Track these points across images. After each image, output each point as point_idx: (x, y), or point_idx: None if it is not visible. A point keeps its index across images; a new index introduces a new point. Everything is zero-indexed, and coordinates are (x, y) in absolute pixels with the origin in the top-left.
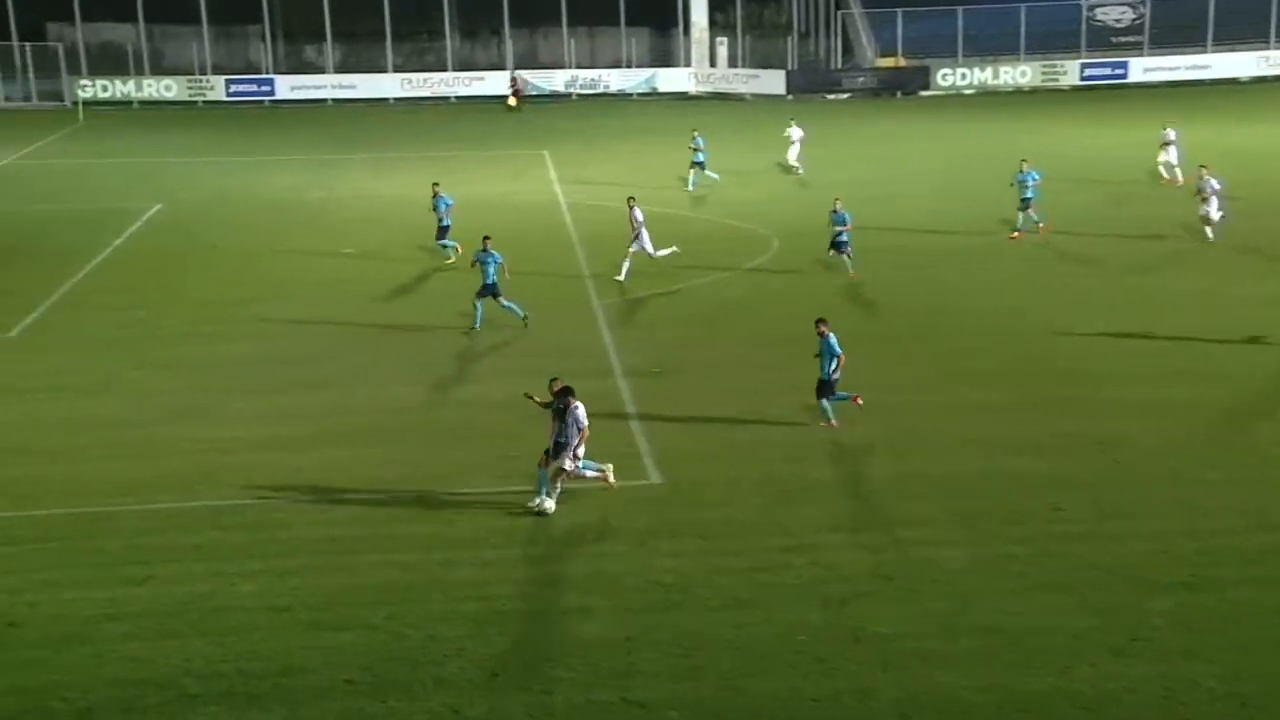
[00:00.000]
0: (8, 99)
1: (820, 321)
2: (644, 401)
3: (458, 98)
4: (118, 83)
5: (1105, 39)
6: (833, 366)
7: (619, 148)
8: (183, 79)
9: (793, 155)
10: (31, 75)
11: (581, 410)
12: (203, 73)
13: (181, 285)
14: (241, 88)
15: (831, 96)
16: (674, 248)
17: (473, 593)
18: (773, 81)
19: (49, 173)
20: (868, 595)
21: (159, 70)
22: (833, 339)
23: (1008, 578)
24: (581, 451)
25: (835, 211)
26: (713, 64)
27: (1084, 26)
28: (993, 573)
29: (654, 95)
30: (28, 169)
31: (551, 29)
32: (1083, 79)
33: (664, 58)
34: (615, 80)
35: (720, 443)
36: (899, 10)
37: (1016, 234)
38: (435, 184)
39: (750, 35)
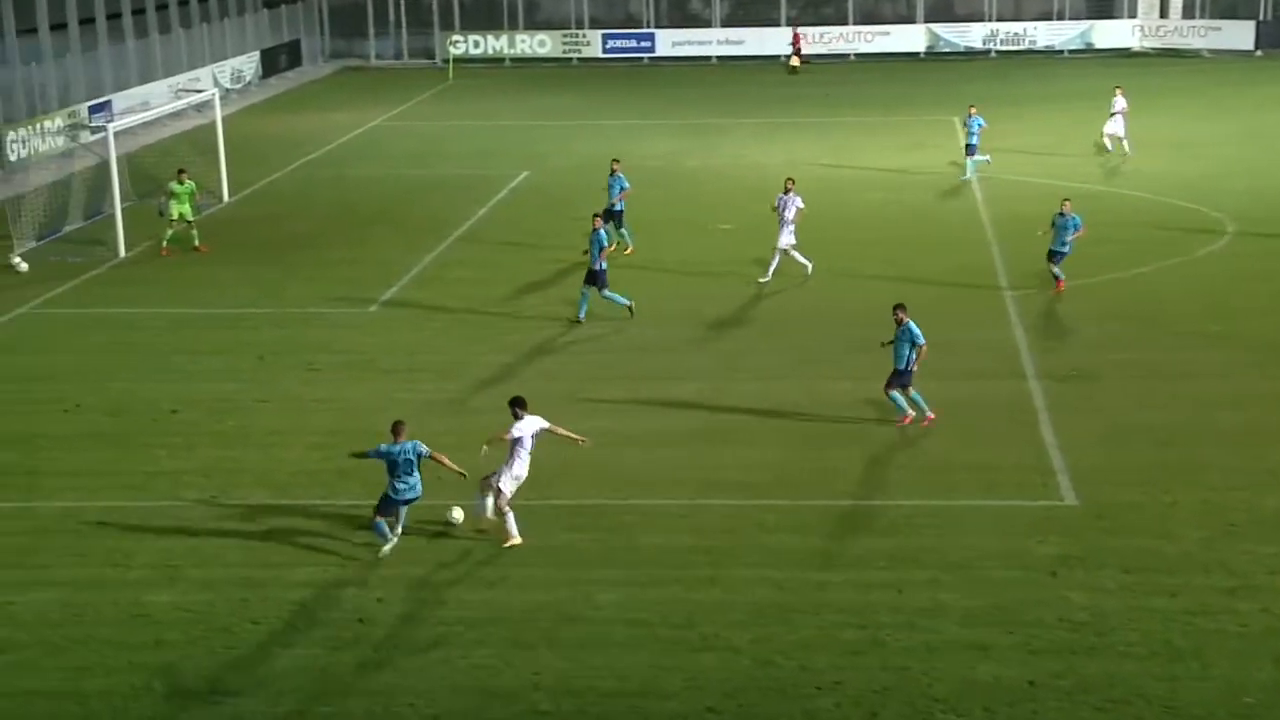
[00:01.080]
0: (378, 56)
1: (898, 307)
2: (1059, 410)
3: (857, 55)
4: (490, 38)
5: None
6: (912, 356)
7: (1044, 114)
8: (558, 34)
9: (1113, 129)
10: (404, 31)
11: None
12: (579, 27)
13: (540, 260)
14: (619, 43)
15: None
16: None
17: (852, 619)
18: (1238, 34)
19: (415, 135)
20: None
21: (533, 25)
22: (914, 326)
23: None
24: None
25: (1061, 215)
26: (1163, 14)
27: None
28: None
29: (1088, 52)
30: (394, 130)
31: None
32: None
33: (1103, 8)
34: (1043, 35)
35: (1150, 461)
36: None
37: None
38: (615, 161)
39: None
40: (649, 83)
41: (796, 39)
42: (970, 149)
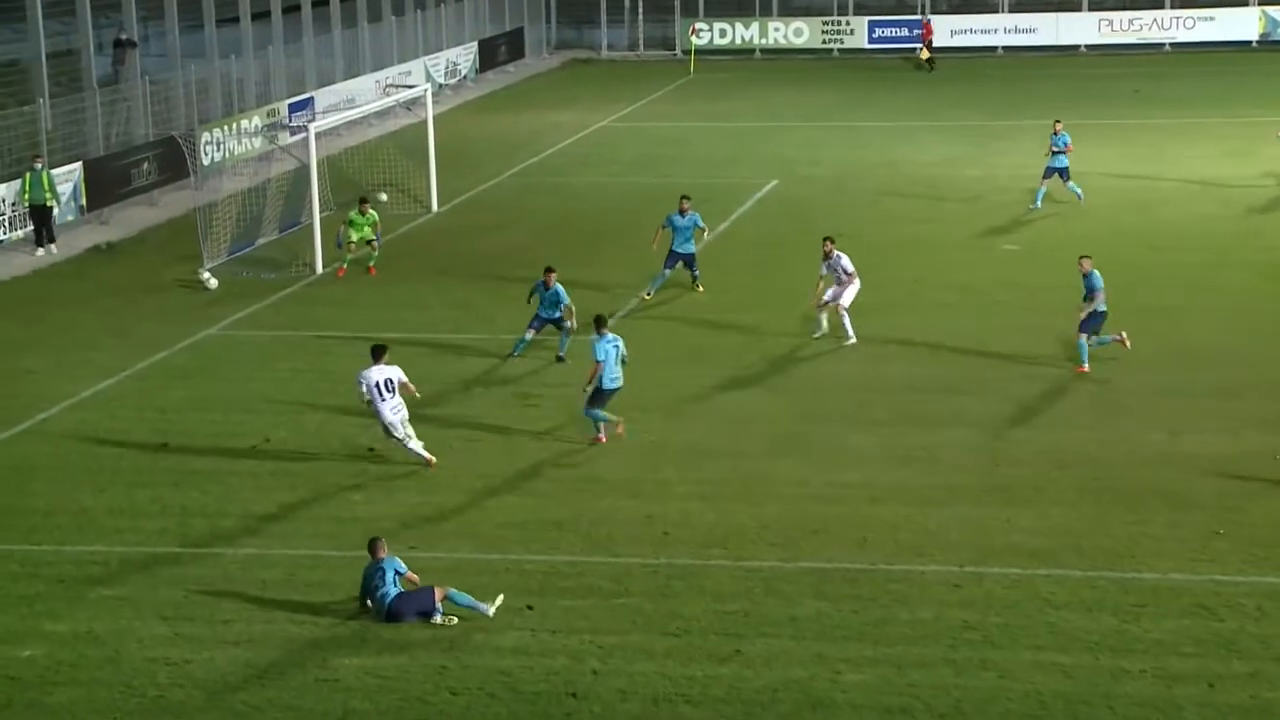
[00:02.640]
0: (610, 47)
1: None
2: None
3: (1173, 45)
4: (738, 26)
5: None
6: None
7: None
8: (817, 21)
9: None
10: (641, 18)
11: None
12: (842, 13)
13: (786, 284)
14: (887, 32)
15: None
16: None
17: (1154, 714)
18: None
19: (649, 137)
20: None
21: (788, 11)
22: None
23: None
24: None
25: (1085, 275)
26: None
27: None
28: None
29: None
30: (625, 132)
31: None
32: None
33: None
34: None
35: None
36: None
37: None
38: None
39: None
40: (921, 77)
41: (927, 28)
42: (1057, 173)
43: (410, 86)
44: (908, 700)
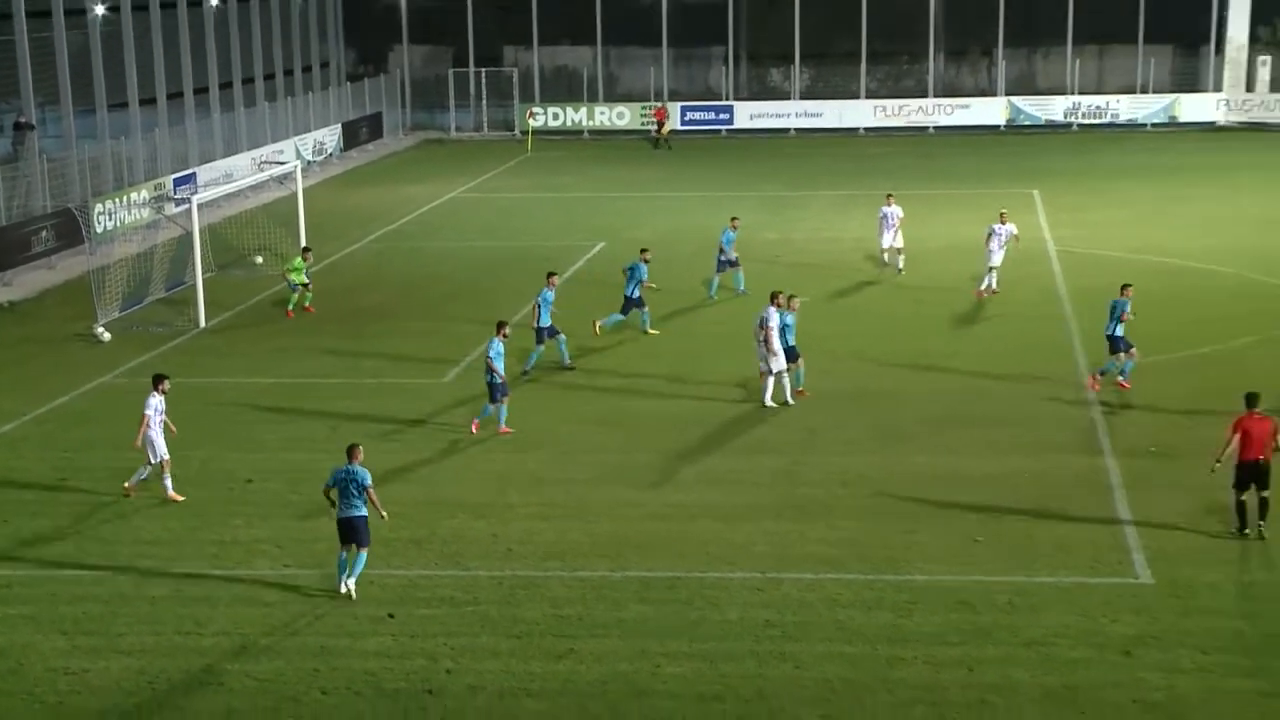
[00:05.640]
0: (458, 128)
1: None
2: (1135, 486)
3: (936, 128)
4: (569, 110)
5: None
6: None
7: (1124, 188)
8: (636, 105)
9: (889, 240)
10: (485, 103)
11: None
12: (658, 99)
13: (617, 333)
14: (697, 115)
15: None
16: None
17: (923, 696)
18: None
19: (492, 207)
20: None
21: (612, 97)
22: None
23: None
24: None
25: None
26: (1250, 88)
27: None
28: None
29: (1172, 126)
30: (471, 203)
31: (1054, 48)
32: None
33: (1188, 81)
34: (1125, 108)
35: (1231, 541)
36: None
37: None
38: (644, 250)
39: None
40: (726, 154)
41: (659, 113)
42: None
43: (282, 163)
44: (718, 689)
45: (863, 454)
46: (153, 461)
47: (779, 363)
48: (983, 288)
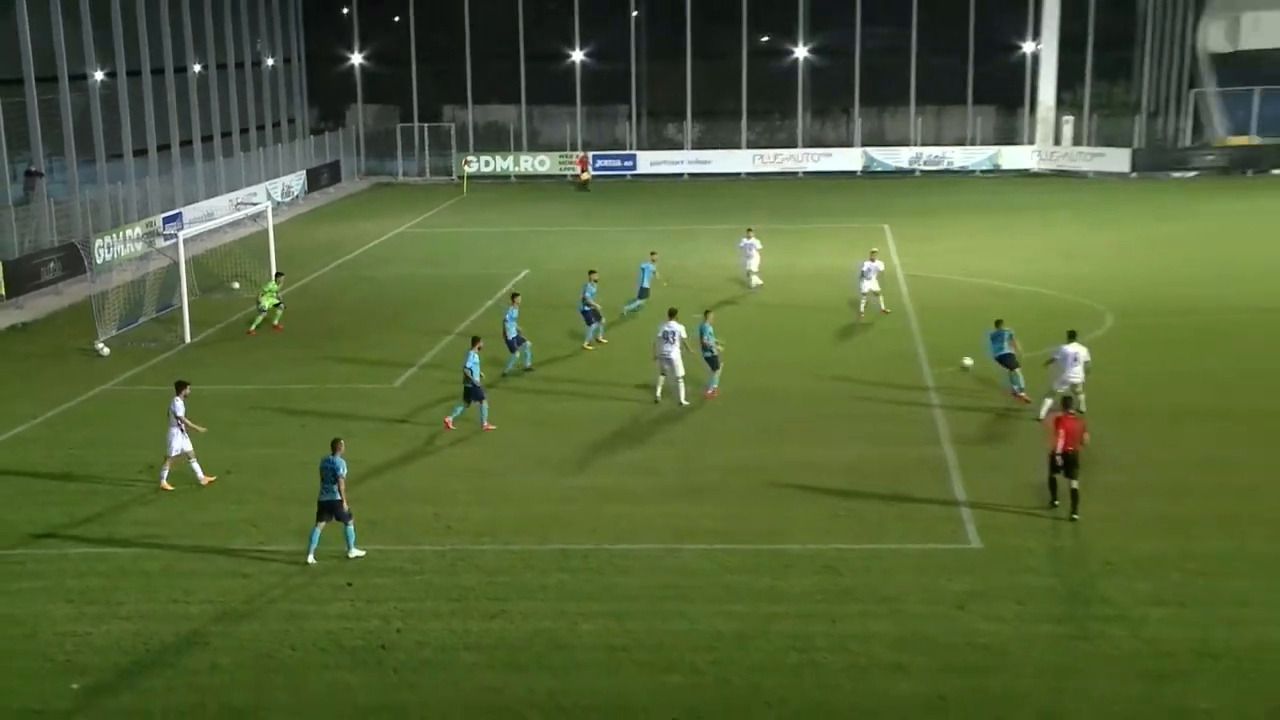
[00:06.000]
0: (405, 174)
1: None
2: (968, 470)
3: (805, 173)
4: (499, 158)
5: None
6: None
7: (958, 223)
8: (555, 154)
9: (749, 264)
10: (427, 153)
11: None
12: (573, 149)
13: (541, 345)
14: (607, 162)
15: (1177, 175)
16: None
17: (795, 645)
18: (1118, 160)
19: (434, 240)
20: (1190, 672)
21: (535, 147)
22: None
23: None
24: None
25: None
26: (1057, 142)
27: None
28: None
29: (996, 172)
30: (417, 237)
31: (899, 108)
32: None
33: (1008, 135)
34: (958, 157)
35: (1044, 514)
36: (1257, 89)
37: None
38: (592, 272)
39: (1097, 114)
40: (632, 195)
41: (580, 162)
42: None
43: (255, 204)
44: (626, 641)
45: (745, 446)
46: (170, 455)
47: (681, 369)
48: (862, 310)
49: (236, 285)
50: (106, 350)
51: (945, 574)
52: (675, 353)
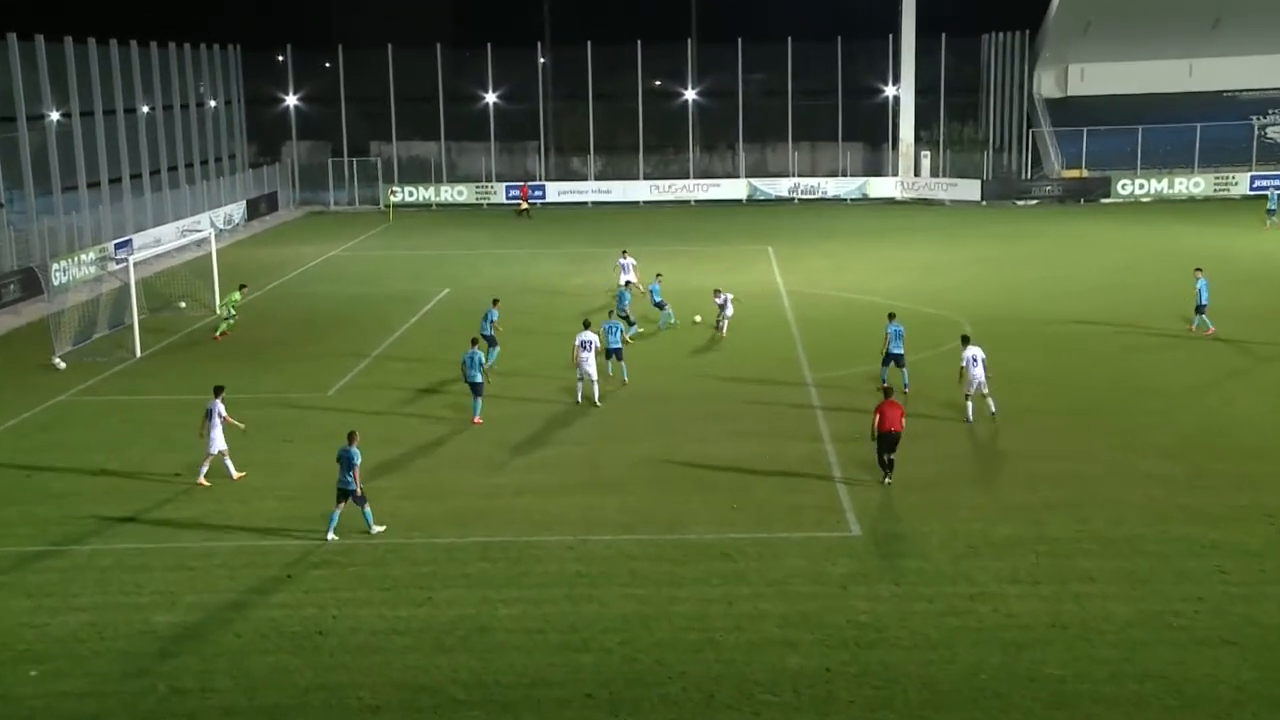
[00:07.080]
0: (336, 203)
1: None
2: (846, 464)
3: (696, 201)
4: (421, 189)
5: (1276, 154)
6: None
7: (832, 245)
8: (472, 185)
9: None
10: (356, 184)
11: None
12: (488, 180)
13: (458, 356)
14: (517, 192)
15: (1021, 203)
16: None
17: (695, 624)
18: (969, 190)
19: (364, 261)
20: (1044, 642)
21: (454, 179)
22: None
23: (1172, 631)
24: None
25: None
26: (917, 173)
27: (1255, 144)
28: (1158, 625)
29: (864, 200)
30: (348, 258)
31: (779, 143)
32: (1253, 189)
33: (874, 168)
34: (831, 187)
35: (914, 502)
36: (1085, 129)
37: (1190, 328)
38: (495, 301)
39: (951, 149)
40: (542, 222)
41: (523, 190)
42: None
43: (199, 230)
44: (541, 623)
45: (646, 443)
46: (211, 453)
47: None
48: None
49: (183, 304)
50: (63, 365)
51: (829, 558)
52: (591, 360)
